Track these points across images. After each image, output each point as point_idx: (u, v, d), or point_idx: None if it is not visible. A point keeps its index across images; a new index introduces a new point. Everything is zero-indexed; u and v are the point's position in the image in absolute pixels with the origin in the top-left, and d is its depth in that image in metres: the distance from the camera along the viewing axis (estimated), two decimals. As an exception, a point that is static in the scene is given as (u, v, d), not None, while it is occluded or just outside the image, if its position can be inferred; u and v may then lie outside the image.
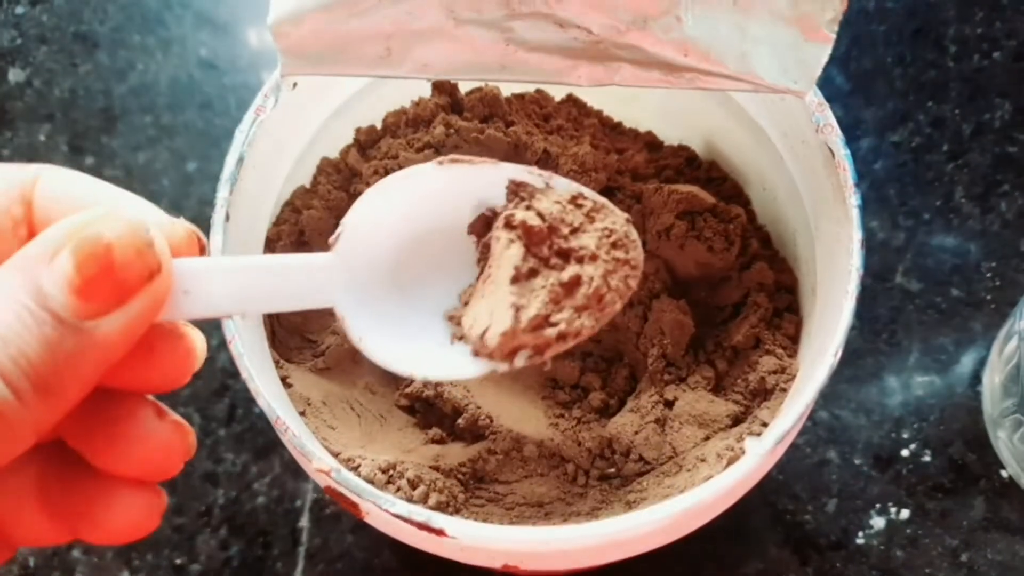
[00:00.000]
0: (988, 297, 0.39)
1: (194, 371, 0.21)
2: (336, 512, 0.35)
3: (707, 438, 0.25)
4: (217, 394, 0.37)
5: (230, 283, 0.20)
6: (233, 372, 0.38)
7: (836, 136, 0.23)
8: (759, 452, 0.20)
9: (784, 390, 0.25)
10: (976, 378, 0.37)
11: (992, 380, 0.36)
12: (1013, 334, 0.34)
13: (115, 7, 0.45)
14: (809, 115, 0.23)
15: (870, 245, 0.40)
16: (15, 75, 0.44)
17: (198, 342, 0.21)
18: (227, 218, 0.23)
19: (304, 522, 0.35)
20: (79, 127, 0.43)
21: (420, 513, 0.19)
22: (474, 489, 0.24)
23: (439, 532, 0.19)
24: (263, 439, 0.37)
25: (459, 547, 0.20)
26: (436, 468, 0.24)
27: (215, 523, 0.35)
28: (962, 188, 0.41)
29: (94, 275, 0.17)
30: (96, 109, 0.43)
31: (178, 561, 0.35)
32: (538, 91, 0.30)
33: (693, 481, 0.23)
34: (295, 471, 0.36)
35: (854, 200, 0.22)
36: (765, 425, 0.24)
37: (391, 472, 0.23)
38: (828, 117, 0.23)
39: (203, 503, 0.36)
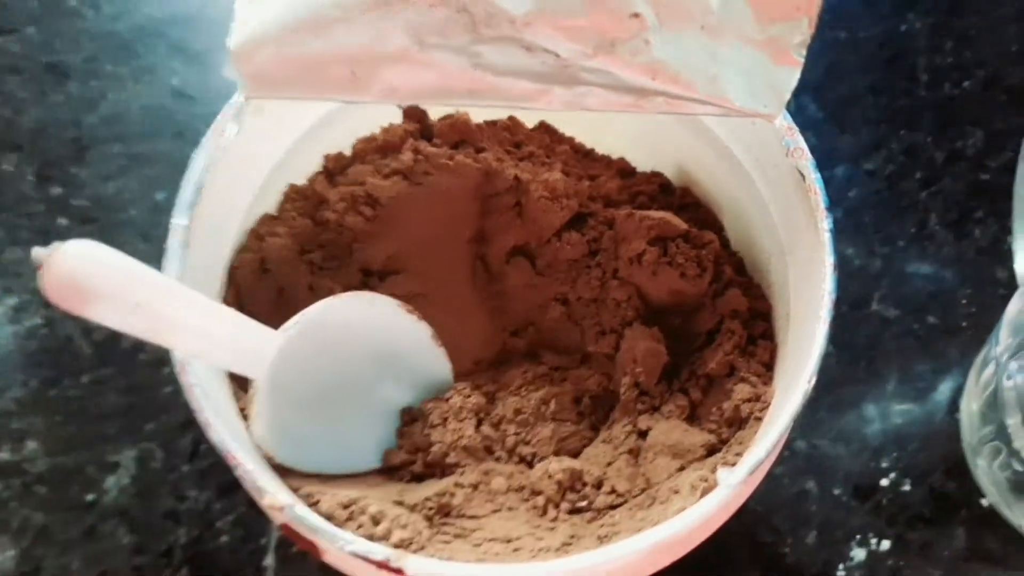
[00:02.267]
0: (964, 324, 0.39)
1: None
2: (302, 552, 0.34)
3: (681, 468, 0.24)
4: (181, 428, 0.36)
5: (190, 316, 0.20)
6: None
7: (806, 160, 0.23)
8: (732, 483, 0.20)
9: (759, 419, 0.24)
10: (954, 405, 0.37)
11: (970, 407, 0.35)
12: (990, 360, 0.34)
13: (87, 37, 0.45)
14: (779, 139, 0.23)
15: (846, 272, 0.39)
16: (-18, 104, 0.43)
17: None
18: (185, 245, 0.22)
19: (269, 561, 0.34)
20: (48, 156, 0.42)
21: (378, 551, 0.19)
22: (440, 525, 0.23)
23: (398, 572, 0.18)
24: (228, 476, 0.35)
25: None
26: (400, 503, 0.23)
27: (176, 563, 0.34)
28: (936, 215, 0.41)
29: None
30: (66, 139, 0.43)
31: (139, 602, 0.33)
32: (510, 118, 0.30)
33: (666, 514, 0.22)
34: (260, 509, 0.35)
35: (826, 224, 0.22)
36: (739, 455, 0.24)
37: (352, 508, 0.22)
38: (798, 141, 0.23)
39: (164, 542, 0.34)
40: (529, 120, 0.31)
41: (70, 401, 0.37)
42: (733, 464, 0.23)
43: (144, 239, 0.39)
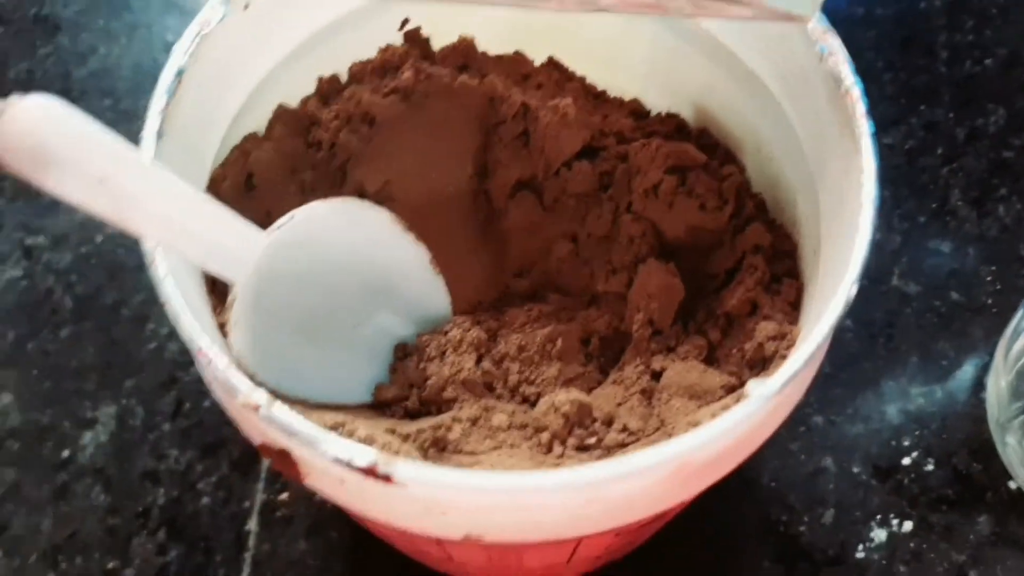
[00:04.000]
0: (989, 302, 0.37)
1: None
2: (288, 515, 0.32)
3: (699, 409, 0.22)
4: (164, 386, 0.34)
5: (162, 200, 0.18)
6: (183, 363, 0.35)
7: (843, 63, 0.21)
8: (765, 394, 0.18)
9: (784, 357, 0.22)
10: (979, 385, 0.35)
11: (998, 383, 0.34)
12: (1020, 332, 0.32)
13: (80, -8, 0.43)
14: (812, 47, 0.22)
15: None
16: (-31, 56, 0.42)
17: None
18: (160, 135, 0.20)
19: (252, 526, 0.32)
20: (33, 109, 0.40)
21: (364, 455, 0.16)
22: (435, 458, 0.21)
23: (386, 479, 0.16)
24: (212, 436, 0.34)
25: (410, 502, 0.17)
26: (392, 431, 0.21)
27: (153, 525, 0.32)
28: (958, 192, 0.39)
29: None
30: (53, 92, 0.40)
31: (110, 565, 0.31)
32: (516, 53, 0.29)
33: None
34: (244, 470, 0.33)
35: (865, 128, 0.20)
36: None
37: (340, 430, 0.20)
38: (833, 44, 0.21)
39: (141, 503, 0.32)
40: (537, 57, 0.29)
41: (48, 355, 0.35)
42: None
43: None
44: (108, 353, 0.35)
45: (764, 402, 0.18)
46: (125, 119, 0.40)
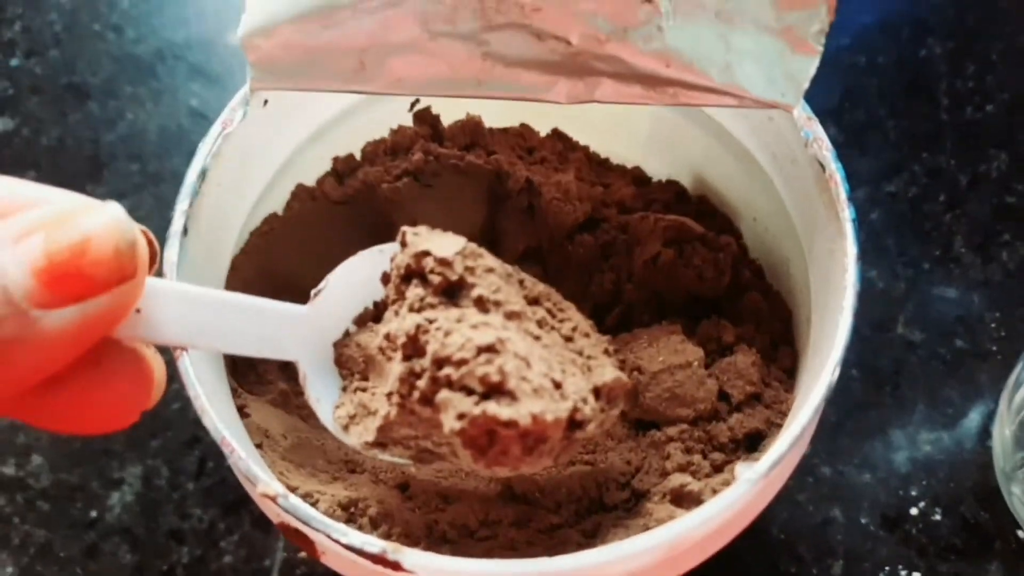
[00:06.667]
0: (994, 348, 0.37)
1: (149, 405, 0.20)
2: (308, 573, 0.33)
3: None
4: (187, 445, 0.36)
5: (190, 313, 0.19)
6: (206, 423, 0.36)
7: (826, 150, 0.22)
8: (753, 478, 0.18)
9: (779, 426, 0.23)
10: (985, 432, 0.35)
11: (1003, 433, 0.34)
12: (1022, 382, 0.33)
13: (109, 59, 0.45)
14: (798, 131, 0.23)
15: (869, 295, 0.38)
16: (3, 124, 0.43)
17: (157, 370, 0.19)
18: (185, 232, 0.21)
19: (274, 582, 0.33)
20: (65, 174, 0.42)
21: (374, 544, 0.18)
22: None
23: (395, 566, 0.17)
24: (233, 494, 0.35)
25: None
26: (408, 498, 0.22)
27: (178, 582, 0.33)
28: (962, 238, 0.40)
29: (63, 261, 0.16)
30: (83, 157, 0.43)
31: (137, 623, 0.32)
32: (522, 125, 0.30)
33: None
34: (265, 528, 0.34)
35: (847, 213, 0.21)
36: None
37: (352, 509, 0.21)
38: (817, 131, 0.22)
39: (166, 562, 0.33)
40: (542, 128, 0.30)
41: (75, 416, 0.36)
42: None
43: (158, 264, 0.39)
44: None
45: (753, 485, 0.18)
46: (152, 182, 0.42)
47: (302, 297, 0.23)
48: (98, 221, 0.16)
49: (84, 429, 0.18)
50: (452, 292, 0.20)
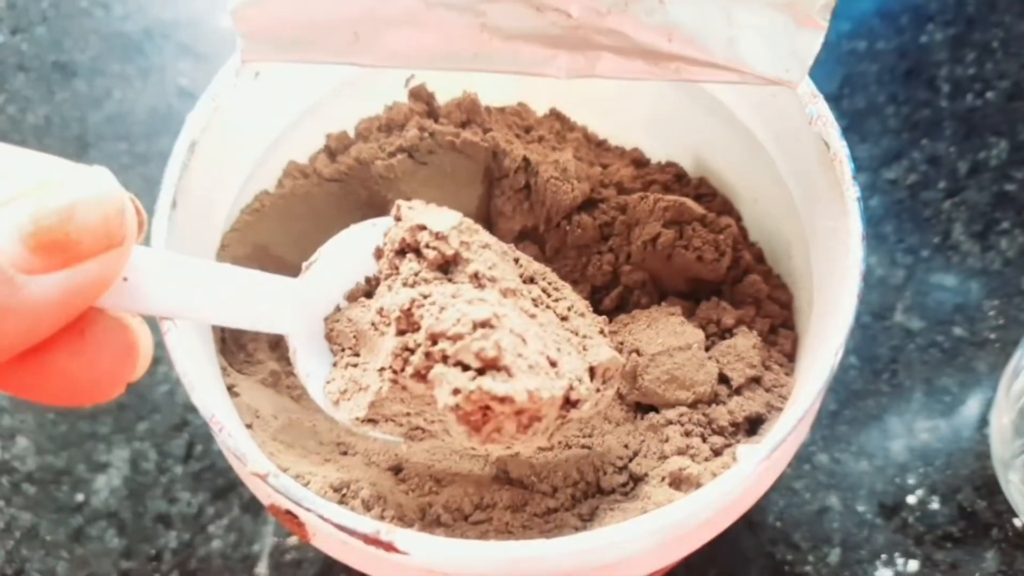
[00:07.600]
0: (992, 336, 0.37)
1: (134, 376, 0.19)
2: (297, 559, 0.33)
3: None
4: (176, 429, 0.35)
5: (178, 283, 0.18)
6: (194, 406, 0.35)
7: (831, 127, 0.22)
8: (755, 460, 0.18)
9: (780, 409, 0.23)
10: (983, 420, 0.35)
11: (1000, 421, 0.34)
12: (1021, 369, 0.33)
13: (96, 37, 0.45)
14: (802, 108, 0.22)
15: (868, 282, 0.38)
16: (-11, 102, 0.43)
17: (143, 342, 0.19)
18: (173, 205, 0.21)
19: (262, 569, 0.32)
20: (51, 153, 0.41)
21: (367, 524, 0.17)
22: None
23: (388, 547, 0.17)
24: (223, 479, 0.34)
25: (412, 568, 0.18)
26: (401, 481, 0.22)
27: (165, 568, 0.32)
28: (961, 225, 0.40)
29: (50, 226, 0.15)
30: (70, 136, 0.42)
31: (123, 608, 0.32)
32: (519, 104, 0.29)
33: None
34: (255, 513, 0.33)
35: (853, 192, 0.21)
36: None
37: (344, 491, 0.21)
38: (822, 108, 0.22)
39: (154, 546, 0.33)
40: (539, 107, 0.30)
41: (61, 399, 0.36)
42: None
43: (146, 237, 0.38)
44: (121, 395, 0.36)
45: (753, 468, 0.18)
46: (140, 162, 0.41)
47: (293, 276, 0.22)
48: (86, 187, 0.16)
49: (67, 400, 0.18)
50: (447, 267, 0.19)
